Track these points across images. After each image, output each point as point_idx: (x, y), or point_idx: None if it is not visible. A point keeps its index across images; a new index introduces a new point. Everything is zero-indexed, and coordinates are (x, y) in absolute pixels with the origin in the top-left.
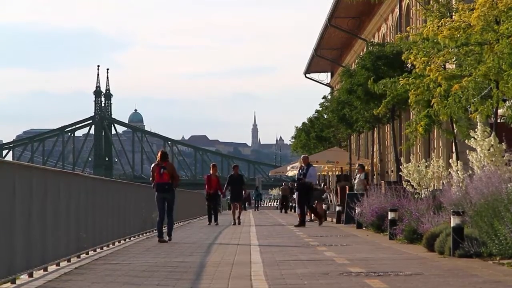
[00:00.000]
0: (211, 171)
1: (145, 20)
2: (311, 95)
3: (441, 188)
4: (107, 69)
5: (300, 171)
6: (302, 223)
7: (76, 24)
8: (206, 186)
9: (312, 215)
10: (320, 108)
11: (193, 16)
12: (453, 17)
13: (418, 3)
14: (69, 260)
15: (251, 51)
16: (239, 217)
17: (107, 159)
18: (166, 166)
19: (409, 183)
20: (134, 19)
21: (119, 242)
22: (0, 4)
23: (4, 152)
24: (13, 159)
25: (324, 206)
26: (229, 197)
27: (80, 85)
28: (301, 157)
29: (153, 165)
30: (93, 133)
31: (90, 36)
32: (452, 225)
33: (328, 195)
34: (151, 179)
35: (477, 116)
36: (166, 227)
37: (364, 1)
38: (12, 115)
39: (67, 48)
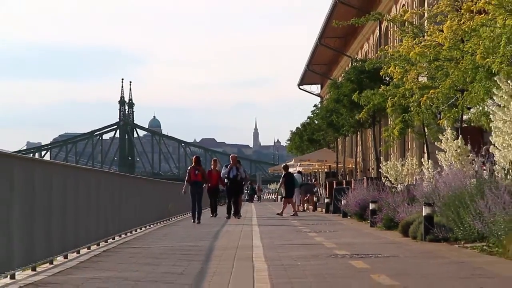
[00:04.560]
0: (212, 166)
1: (161, 39)
2: (303, 104)
3: (414, 183)
4: (130, 82)
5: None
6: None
7: (103, 42)
8: (211, 179)
9: (305, 205)
10: (312, 115)
11: (201, 35)
12: (425, 37)
13: (395, 25)
14: (98, 244)
15: (252, 66)
16: (239, 209)
17: (130, 158)
18: (199, 169)
19: (387, 179)
20: (151, 39)
21: (140, 229)
22: (37, 26)
23: (43, 152)
24: (50, 158)
25: (315, 198)
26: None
27: (106, 95)
28: (231, 156)
29: (189, 167)
30: (118, 136)
31: (115, 53)
32: (423, 214)
33: (318, 189)
34: (186, 177)
35: (445, 122)
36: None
37: (349, 24)
38: (49, 121)
39: (95, 63)
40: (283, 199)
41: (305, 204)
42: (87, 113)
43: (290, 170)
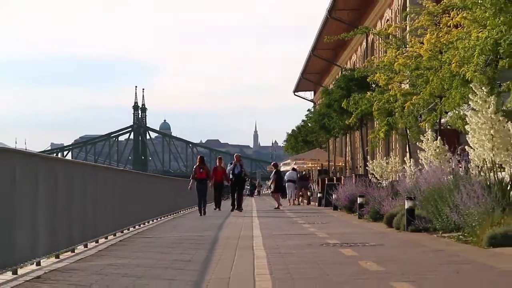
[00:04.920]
0: (217, 163)
1: (171, 51)
2: (298, 108)
3: (397, 179)
4: (143, 89)
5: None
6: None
7: (118, 54)
8: (213, 176)
9: (300, 198)
10: (306, 119)
11: (206, 48)
12: (407, 48)
13: (380, 38)
14: (114, 235)
15: (252, 75)
16: (241, 203)
17: (143, 158)
18: (203, 168)
19: (373, 176)
20: (162, 51)
21: (152, 221)
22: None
23: (65, 152)
24: (71, 158)
25: (309, 193)
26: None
27: (122, 101)
28: (235, 155)
29: (195, 166)
30: (132, 138)
31: (130, 64)
32: (406, 207)
33: (311, 185)
34: (192, 175)
35: (426, 124)
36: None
37: (339, 38)
38: (70, 124)
39: (111, 72)
40: (272, 193)
41: (300, 198)
42: (105, 117)
43: (287, 168)
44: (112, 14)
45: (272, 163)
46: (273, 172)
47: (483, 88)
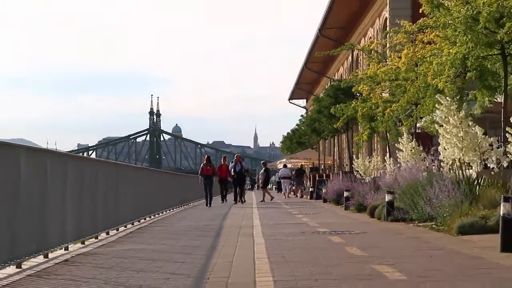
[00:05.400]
0: (222, 162)
1: (182, 64)
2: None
3: (379, 175)
4: (158, 97)
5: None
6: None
7: (136, 66)
8: (219, 173)
9: (293, 192)
10: (299, 123)
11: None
12: (387, 62)
13: (363, 53)
14: (132, 223)
15: (253, 85)
16: (242, 197)
17: (157, 157)
18: (210, 166)
19: (358, 172)
20: (174, 64)
21: (166, 211)
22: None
23: (90, 152)
24: (95, 157)
25: (302, 188)
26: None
27: (139, 107)
28: (236, 155)
29: (202, 164)
30: (148, 139)
31: (146, 75)
32: (386, 200)
33: (304, 180)
34: (199, 172)
35: (403, 128)
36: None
37: (328, 53)
38: (95, 127)
39: (130, 82)
40: (260, 188)
41: (300, 191)
42: (124, 121)
43: (281, 166)
44: (131, 32)
45: (262, 162)
46: (263, 169)
47: (447, 98)
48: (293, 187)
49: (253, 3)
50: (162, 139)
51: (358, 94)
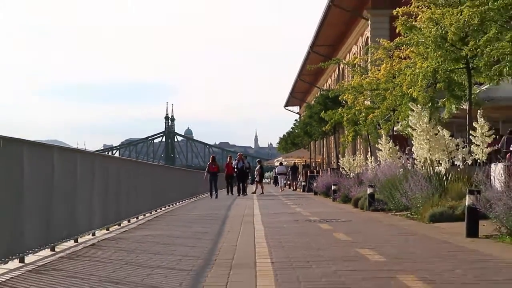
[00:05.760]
0: (228, 160)
1: (193, 76)
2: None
3: (361, 171)
4: (172, 104)
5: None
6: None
7: (154, 77)
8: (226, 170)
9: (288, 186)
10: (293, 126)
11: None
12: (369, 74)
13: (348, 67)
14: (150, 213)
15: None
16: (245, 189)
17: (172, 155)
18: (215, 164)
19: (343, 169)
20: (186, 75)
21: (178, 202)
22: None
23: (114, 151)
24: (119, 155)
25: (296, 182)
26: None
27: (156, 113)
28: (238, 154)
29: (208, 163)
30: (164, 140)
31: (162, 85)
32: (368, 192)
33: (297, 176)
34: (206, 169)
35: (382, 131)
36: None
37: (318, 66)
38: (118, 129)
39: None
40: (255, 182)
41: (294, 185)
42: (144, 125)
43: (278, 163)
44: (149, 47)
45: (257, 160)
46: (258, 166)
47: (418, 106)
48: (288, 182)
49: (253, 26)
50: (176, 140)
51: (344, 102)
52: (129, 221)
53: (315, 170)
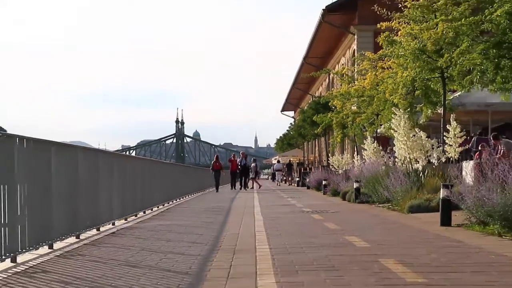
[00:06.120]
0: (232, 158)
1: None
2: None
3: (349, 168)
4: (182, 109)
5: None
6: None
7: (167, 86)
8: (230, 166)
9: (284, 181)
10: (289, 129)
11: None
12: (355, 83)
13: (337, 76)
14: (163, 205)
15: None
16: (246, 184)
17: (182, 155)
18: (218, 162)
19: (333, 166)
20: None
21: (187, 196)
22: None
23: (131, 151)
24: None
25: (290, 178)
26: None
27: (168, 117)
28: (240, 152)
29: (213, 161)
30: (175, 141)
31: (174, 92)
32: (354, 187)
33: (293, 172)
34: (211, 167)
35: (367, 133)
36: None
37: (310, 75)
38: (135, 132)
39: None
40: (251, 179)
41: (290, 180)
42: (157, 127)
43: (275, 161)
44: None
45: (253, 158)
46: (254, 164)
47: (401, 110)
48: (284, 177)
49: (253, 42)
50: (185, 141)
51: (333, 107)
52: (144, 212)
53: (308, 167)
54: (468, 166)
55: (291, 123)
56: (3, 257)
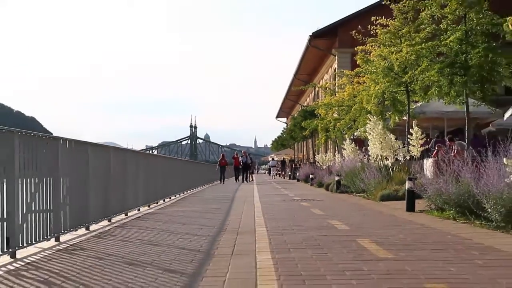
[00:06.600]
0: (235, 156)
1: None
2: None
3: (331, 164)
4: (195, 116)
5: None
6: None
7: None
8: (235, 162)
9: (279, 175)
10: (282, 132)
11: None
12: (336, 95)
13: (321, 89)
14: (179, 194)
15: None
16: (248, 178)
17: (195, 153)
18: (224, 160)
19: (318, 163)
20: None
21: (199, 187)
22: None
23: (153, 150)
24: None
25: (283, 172)
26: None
27: (184, 122)
28: (242, 151)
29: (219, 159)
30: (189, 142)
31: (188, 100)
32: (336, 179)
33: (286, 167)
34: (218, 163)
35: (346, 136)
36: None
37: (300, 89)
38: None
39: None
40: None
41: (283, 174)
42: (175, 131)
43: (269, 159)
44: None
45: (249, 156)
46: (250, 161)
47: (374, 117)
48: (279, 172)
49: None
50: (197, 142)
51: (318, 115)
52: (164, 200)
53: (298, 164)
54: (427, 163)
55: (284, 128)
56: (49, 237)
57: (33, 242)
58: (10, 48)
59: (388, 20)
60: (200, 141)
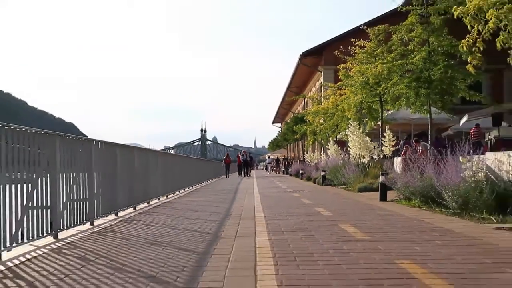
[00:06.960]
0: (238, 155)
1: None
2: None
3: (318, 162)
4: (205, 121)
5: (245, 156)
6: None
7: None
8: (238, 161)
9: (274, 171)
10: (277, 135)
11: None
12: (322, 104)
13: (310, 99)
14: (192, 186)
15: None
16: (248, 172)
17: (205, 152)
18: (228, 158)
19: (307, 160)
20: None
21: (208, 181)
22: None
23: (170, 150)
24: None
25: (278, 168)
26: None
27: (195, 127)
28: (242, 151)
29: (224, 157)
30: (200, 144)
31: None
32: (322, 174)
33: (281, 164)
34: (223, 161)
35: (331, 138)
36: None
37: (292, 99)
38: (172, 136)
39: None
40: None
41: (278, 170)
42: (188, 133)
43: (268, 157)
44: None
45: (247, 155)
46: (249, 159)
47: (355, 122)
48: (274, 168)
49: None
50: (207, 143)
51: (307, 121)
52: (179, 191)
53: (290, 161)
54: (397, 161)
55: (279, 131)
56: (84, 221)
57: (72, 225)
58: (10, 49)
59: (365, 42)
60: (209, 142)
